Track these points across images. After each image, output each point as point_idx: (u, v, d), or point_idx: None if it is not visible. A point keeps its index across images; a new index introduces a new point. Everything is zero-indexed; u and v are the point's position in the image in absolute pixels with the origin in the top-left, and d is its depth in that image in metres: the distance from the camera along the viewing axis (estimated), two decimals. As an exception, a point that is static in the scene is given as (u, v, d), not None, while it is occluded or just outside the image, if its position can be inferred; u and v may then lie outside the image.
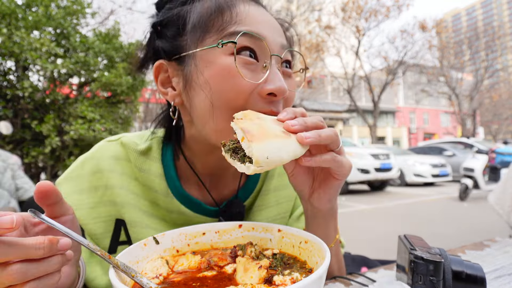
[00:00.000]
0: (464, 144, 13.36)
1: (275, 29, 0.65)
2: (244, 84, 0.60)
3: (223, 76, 0.60)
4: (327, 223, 0.66)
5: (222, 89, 0.60)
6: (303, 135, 0.49)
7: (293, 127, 0.50)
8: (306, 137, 0.49)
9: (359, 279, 0.74)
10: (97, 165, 0.72)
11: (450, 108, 29.55)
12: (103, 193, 0.71)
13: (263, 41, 0.61)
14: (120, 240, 0.72)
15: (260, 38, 0.60)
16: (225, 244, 0.62)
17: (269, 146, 0.44)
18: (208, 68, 0.61)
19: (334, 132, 0.53)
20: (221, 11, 0.62)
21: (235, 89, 0.60)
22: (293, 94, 0.69)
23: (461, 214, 6.44)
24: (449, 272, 0.60)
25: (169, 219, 0.73)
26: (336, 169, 0.56)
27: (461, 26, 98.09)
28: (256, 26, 0.61)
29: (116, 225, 0.71)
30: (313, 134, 0.50)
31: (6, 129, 4.25)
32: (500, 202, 2.38)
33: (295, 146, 0.48)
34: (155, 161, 0.72)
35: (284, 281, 0.44)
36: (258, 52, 0.62)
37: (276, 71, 0.62)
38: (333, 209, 0.66)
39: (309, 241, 0.53)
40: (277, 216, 0.82)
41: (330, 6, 21.54)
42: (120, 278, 0.43)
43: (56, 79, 5.33)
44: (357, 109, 20.51)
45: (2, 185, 2.54)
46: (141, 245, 0.54)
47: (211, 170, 0.74)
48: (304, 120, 0.52)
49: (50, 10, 5.10)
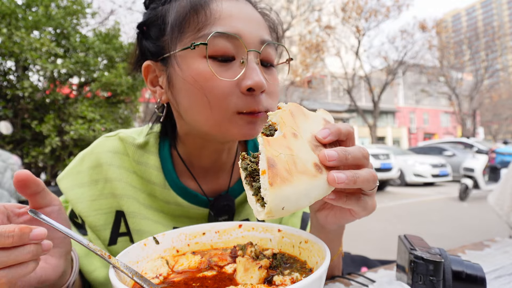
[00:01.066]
0: (464, 144, 13.36)
1: (254, 22, 0.64)
2: (221, 84, 0.61)
3: (200, 78, 0.61)
4: (330, 240, 0.63)
5: (200, 91, 0.62)
6: (336, 176, 0.41)
7: (329, 162, 0.42)
8: (339, 181, 0.41)
9: (359, 279, 0.74)
10: (96, 159, 0.73)
11: (450, 108, 29.58)
12: (103, 186, 0.72)
13: (238, 39, 0.61)
14: (120, 231, 0.73)
15: (235, 37, 0.60)
16: (225, 244, 0.62)
17: (290, 193, 0.37)
18: (186, 70, 0.63)
19: (373, 175, 0.45)
20: (196, 11, 0.62)
21: (213, 90, 0.61)
22: (275, 88, 0.68)
23: (461, 214, 6.44)
24: (449, 272, 0.60)
25: (166, 211, 0.74)
26: (357, 209, 0.50)
27: (461, 26, 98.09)
28: (231, 24, 0.61)
29: (116, 217, 0.72)
30: (348, 178, 0.42)
31: (6, 129, 4.25)
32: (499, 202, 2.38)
33: (322, 187, 0.41)
34: (153, 154, 0.74)
35: (284, 281, 0.44)
36: (234, 50, 0.62)
37: (254, 66, 0.62)
38: (338, 231, 0.64)
39: (309, 241, 0.53)
40: None
41: (330, 6, 21.55)
42: (120, 278, 0.43)
43: (56, 79, 5.33)
44: (357, 109, 20.51)
45: (2, 185, 2.54)
46: (141, 245, 0.54)
47: (205, 164, 0.76)
48: (345, 155, 0.43)
49: (50, 10, 5.10)
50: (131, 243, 0.72)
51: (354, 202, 0.47)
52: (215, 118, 0.63)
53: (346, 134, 0.46)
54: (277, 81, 0.69)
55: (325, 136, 0.44)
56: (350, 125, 0.48)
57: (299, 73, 20.58)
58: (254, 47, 0.63)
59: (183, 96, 0.65)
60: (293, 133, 0.42)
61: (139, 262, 0.52)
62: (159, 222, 0.73)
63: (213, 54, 0.61)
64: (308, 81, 25.11)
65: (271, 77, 0.68)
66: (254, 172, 0.42)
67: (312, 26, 21.27)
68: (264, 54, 0.65)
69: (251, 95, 0.62)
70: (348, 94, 20.64)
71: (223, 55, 0.62)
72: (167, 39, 0.65)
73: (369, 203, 0.50)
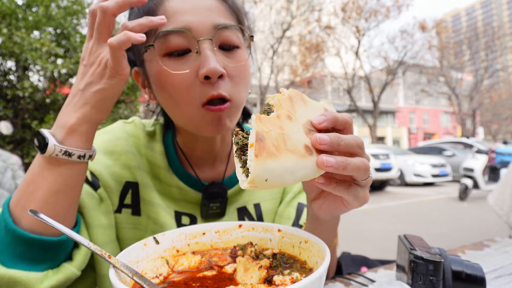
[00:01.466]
0: (464, 144, 13.36)
1: (203, 10, 0.66)
2: (178, 78, 0.64)
3: (160, 77, 0.66)
4: (324, 230, 0.64)
5: (164, 89, 0.66)
6: (325, 159, 0.41)
7: (321, 146, 0.41)
8: (327, 164, 0.40)
9: (359, 279, 0.74)
10: (114, 135, 0.79)
11: (450, 108, 29.58)
12: (118, 157, 0.76)
13: (185, 32, 0.63)
14: (125, 202, 0.75)
15: (182, 31, 0.63)
16: (225, 244, 0.62)
17: (275, 167, 0.37)
18: (150, 71, 0.69)
19: (365, 164, 0.44)
20: (151, 14, 0.66)
21: (173, 85, 0.65)
22: (239, 71, 0.68)
23: (461, 214, 6.44)
24: (449, 272, 0.60)
25: (168, 193, 0.78)
26: (347, 198, 0.49)
27: (461, 26, 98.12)
28: (179, 19, 0.64)
29: (124, 187, 0.75)
30: (338, 163, 0.41)
31: (6, 129, 4.25)
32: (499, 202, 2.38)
33: (310, 168, 0.40)
34: (158, 142, 0.80)
35: (284, 281, 0.44)
36: (187, 42, 0.64)
37: (207, 54, 0.63)
38: (332, 222, 0.64)
39: (309, 241, 0.53)
40: (269, 196, 0.86)
41: (330, 6, 21.56)
42: (120, 278, 0.43)
43: (56, 79, 5.33)
44: (357, 109, 20.51)
45: (3, 185, 2.54)
46: (141, 245, 0.54)
47: (201, 154, 0.80)
48: (338, 141, 0.42)
49: (50, 10, 5.11)
50: (132, 217, 0.75)
51: (344, 190, 0.47)
52: (184, 113, 0.67)
53: (343, 123, 0.46)
54: (241, 62, 0.69)
55: (320, 122, 0.44)
56: (348, 115, 0.48)
57: (299, 73, 20.58)
58: (206, 34, 0.64)
59: (157, 96, 0.71)
60: (287, 115, 0.42)
61: (139, 262, 0.52)
62: (161, 205, 0.77)
63: (168, 51, 0.65)
64: (308, 81, 25.11)
65: (233, 60, 0.68)
66: (244, 147, 0.43)
67: (312, 26, 21.29)
68: (221, 38, 0.67)
69: (208, 83, 0.64)
70: (348, 94, 20.65)
71: (177, 50, 0.64)
72: (139, 45, 0.70)
73: (361, 193, 0.49)
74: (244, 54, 0.71)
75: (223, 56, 0.67)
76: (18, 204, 0.56)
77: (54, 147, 0.54)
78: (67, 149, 0.56)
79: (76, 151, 0.57)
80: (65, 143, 0.57)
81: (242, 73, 0.70)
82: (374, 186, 10.42)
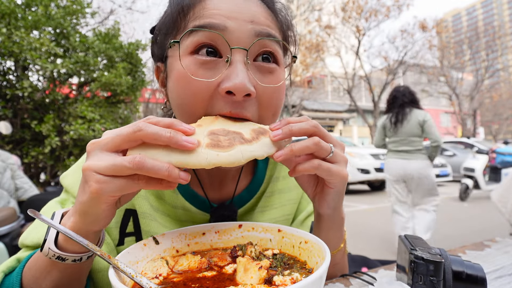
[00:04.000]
0: (464, 144, 13.35)
1: (248, 14, 0.57)
2: (198, 85, 0.55)
3: (179, 80, 0.58)
4: (329, 229, 0.64)
5: (181, 93, 0.58)
6: (274, 133, 0.49)
7: (275, 138, 0.49)
8: (274, 135, 0.48)
9: (359, 280, 0.74)
10: None
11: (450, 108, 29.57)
12: None
13: (219, 35, 0.55)
14: (127, 231, 0.70)
15: (216, 32, 0.55)
16: (225, 244, 0.61)
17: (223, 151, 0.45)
18: (172, 71, 0.61)
19: (316, 139, 0.50)
20: (186, 9, 0.59)
21: (191, 92, 0.56)
22: (270, 94, 0.59)
23: (461, 214, 6.43)
24: (449, 272, 0.60)
25: (173, 215, 0.72)
26: (325, 177, 0.54)
27: (461, 26, 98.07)
28: (215, 17, 0.55)
29: (124, 215, 0.69)
30: (283, 130, 0.49)
31: (5, 129, 4.25)
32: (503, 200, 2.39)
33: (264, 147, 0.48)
34: None
35: (284, 281, 0.44)
36: (219, 46, 0.56)
37: (237, 66, 0.55)
38: (334, 217, 0.62)
39: (309, 241, 0.53)
40: (280, 217, 0.81)
41: (330, 6, 21.53)
42: (120, 278, 0.43)
43: (55, 79, 5.32)
44: (357, 109, 20.51)
45: (2, 185, 2.54)
46: (141, 245, 0.54)
47: (210, 170, 0.73)
48: (289, 128, 0.50)
49: (50, 9, 5.10)
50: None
51: (311, 168, 0.52)
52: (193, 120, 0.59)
53: (303, 133, 0.52)
54: (276, 84, 0.60)
55: (275, 135, 0.50)
56: (311, 123, 0.53)
57: (299, 73, 20.57)
58: (243, 42, 0.56)
59: (171, 98, 0.63)
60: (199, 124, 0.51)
61: (139, 262, 0.52)
62: (165, 225, 0.71)
63: (195, 51, 0.57)
64: (308, 81, 25.11)
65: (268, 79, 0.59)
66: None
67: (312, 26, 21.27)
68: (260, 50, 0.58)
69: (229, 99, 0.55)
70: (348, 94, 20.64)
71: (205, 52, 0.56)
72: (166, 40, 0.63)
73: (333, 169, 0.53)
74: (281, 75, 0.62)
75: (257, 71, 0.58)
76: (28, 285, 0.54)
77: (48, 250, 0.48)
78: (60, 254, 0.49)
79: (70, 256, 0.49)
80: (62, 247, 0.50)
81: (275, 96, 0.60)
82: (374, 186, 10.42)
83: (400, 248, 0.71)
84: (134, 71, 5.98)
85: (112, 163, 0.42)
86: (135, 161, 0.41)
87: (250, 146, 0.47)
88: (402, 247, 0.69)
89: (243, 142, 0.47)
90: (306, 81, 24.06)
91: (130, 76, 5.66)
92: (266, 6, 0.62)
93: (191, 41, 0.56)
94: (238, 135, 0.48)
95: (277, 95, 0.61)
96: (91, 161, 0.43)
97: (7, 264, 0.57)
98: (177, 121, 0.46)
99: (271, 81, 0.59)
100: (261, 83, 0.58)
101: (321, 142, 0.51)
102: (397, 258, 0.73)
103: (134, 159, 0.41)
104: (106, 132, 0.47)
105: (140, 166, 0.41)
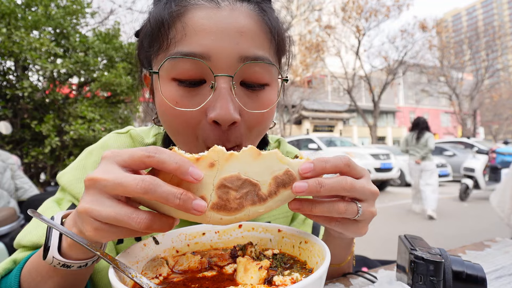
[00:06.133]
0: (464, 144, 13.36)
1: (233, 33, 0.53)
2: (183, 114, 0.54)
3: (165, 107, 0.56)
4: (338, 245, 0.64)
5: (166, 121, 0.57)
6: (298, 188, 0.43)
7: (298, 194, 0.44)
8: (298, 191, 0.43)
9: (359, 280, 0.74)
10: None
11: (450, 108, 29.58)
12: None
13: (204, 63, 0.52)
14: None
15: (199, 60, 0.52)
16: (225, 244, 0.61)
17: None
18: (157, 91, 0.57)
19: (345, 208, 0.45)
20: (166, 25, 0.55)
21: (177, 122, 0.55)
22: (257, 118, 0.57)
23: (461, 214, 6.43)
24: (449, 272, 0.60)
25: None
26: (337, 229, 0.51)
27: (461, 26, 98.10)
28: (198, 41, 0.52)
29: None
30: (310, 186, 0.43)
31: (5, 129, 4.25)
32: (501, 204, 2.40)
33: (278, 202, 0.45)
34: None
35: (284, 281, 0.44)
36: (203, 72, 0.53)
37: (221, 94, 0.52)
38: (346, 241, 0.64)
39: (309, 241, 0.53)
40: (279, 214, 0.82)
41: (330, 6, 21.54)
42: (120, 278, 0.43)
43: (55, 79, 5.32)
44: (357, 109, 20.51)
45: (2, 185, 2.54)
46: (141, 245, 0.54)
47: None
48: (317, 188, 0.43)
49: (50, 9, 5.10)
50: (136, 241, 0.71)
51: (326, 222, 0.49)
52: (189, 146, 0.58)
53: (334, 170, 0.45)
54: (264, 109, 0.57)
55: (305, 171, 0.44)
56: (342, 158, 0.46)
57: (299, 73, 20.57)
58: (227, 68, 0.53)
59: (160, 116, 0.61)
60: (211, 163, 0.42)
61: (139, 262, 0.52)
62: None
63: (178, 78, 0.54)
64: (308, 81, 25.12)
65: (256, 102, 0.57)
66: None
67: (312, 26, 21.29)
68: (246, 73, 0.55)
69: (218, 128, 0.54)
70: (348, 94, 20.64)
71: (188, 79, 0.54)
72: (151, 50, 0.60)
73: (351, 227, 0.49)
74: (271, 95, 0.58)
75: (244, 95, 0.56)
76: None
77: (53, 259, 0.47)
78: (66, 262, 0.47)
79: (75, 263, 0.48)
80: (66, 254, 0.48)
81: (262, 120, 0.58)
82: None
83: (400, 248, 0.71)
84: (134, 71, 5.98)
85: (113, 215, 0.38)
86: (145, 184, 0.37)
87: (262, 206, 0.43)
88: (402, 247, 0.69)
89: (255, 202, 0.43)
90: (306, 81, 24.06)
91: (130, 76, 5.65)
92: (256, 14, 0.57)
93: (174, 66, 0.53)
94: (254, 188, 0.43)
95: (265, 119, 0.59)
96: (89, 204, 0.39)
97: (3, 266, 0.57)
98: (186, 162, 0.40)
99: (259, 106, 0.57)
100: (247, 109, 0.56)
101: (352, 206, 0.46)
102: (397, 258, 0.73)
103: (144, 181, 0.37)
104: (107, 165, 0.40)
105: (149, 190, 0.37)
